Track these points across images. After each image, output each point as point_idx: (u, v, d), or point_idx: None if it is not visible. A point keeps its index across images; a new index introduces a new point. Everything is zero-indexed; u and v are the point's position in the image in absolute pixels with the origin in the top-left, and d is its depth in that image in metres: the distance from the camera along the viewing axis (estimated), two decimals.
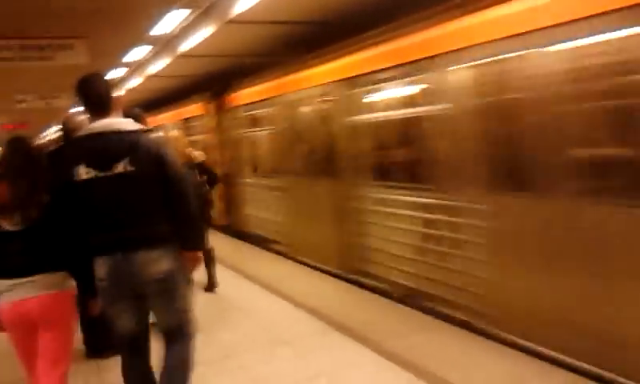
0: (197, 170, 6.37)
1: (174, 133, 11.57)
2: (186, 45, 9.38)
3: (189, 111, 12.88)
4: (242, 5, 7.06)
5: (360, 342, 5.00)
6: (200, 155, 6.84)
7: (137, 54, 11.26)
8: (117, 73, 13.25)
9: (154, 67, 11.71)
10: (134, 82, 13.83)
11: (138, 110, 5.78)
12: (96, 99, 3.38)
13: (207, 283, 6.97)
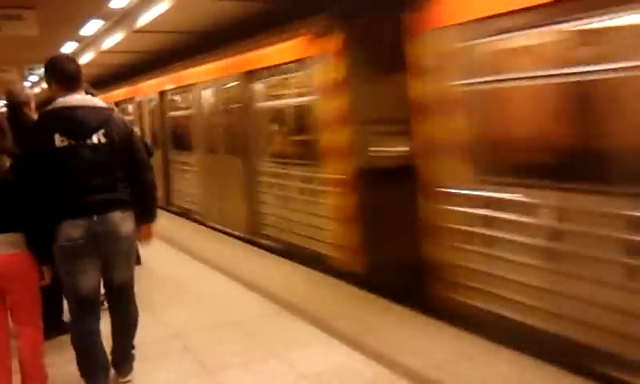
0: None
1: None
2: (143, 19, 9.14)
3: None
4: None
5: (310, 323, 4.99)
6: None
7: (92, 27, 10.93)
8: (70, 46, 12.85)
9: (109, 42, 11.40)
10: (88, 56, 13.45)
11: (90, 87, 5.73)
12: (70, 75, 3.70)
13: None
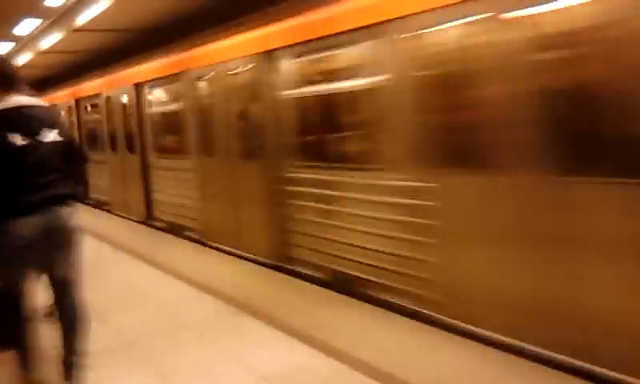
0: None
1: None
2: (82, 18, 8.86)
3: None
4: None
5: (267, 322, 4.95)
6: None
7: (27, 26, 10.54)
8: (5, 46, 12.39)
9: (47, 42, 11.01)
10: (25, 57, 12.97)
11: (29, 89, 5.58)
12: (11, 75, 3.86)
13: None
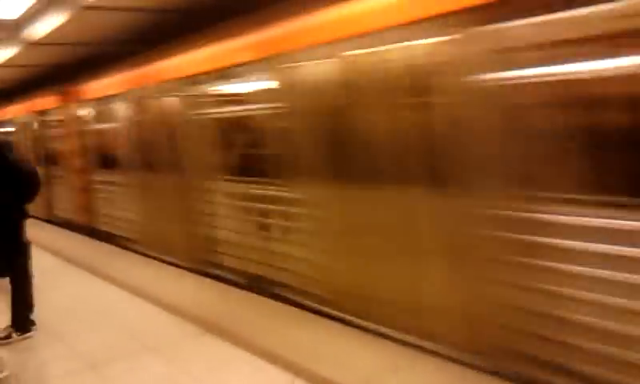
0: None
1: None
2: (36, 32, 8.65)
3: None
4: None
5: (233, 342, 4.88)
6: None
7: None
8: None
9: (2, 55, 10.71)
10: None
11: None
12: None
13: None
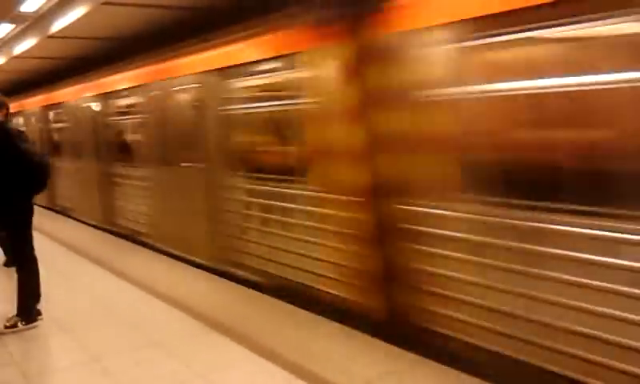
0: None
1: None
2: (57, 25, 8.73)
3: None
4: None
5: (236, 341, 4.86)
6: None
7: (1, 31, 10.36)
8: None
9: (21, 47, 10.82)
10: None
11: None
12: None
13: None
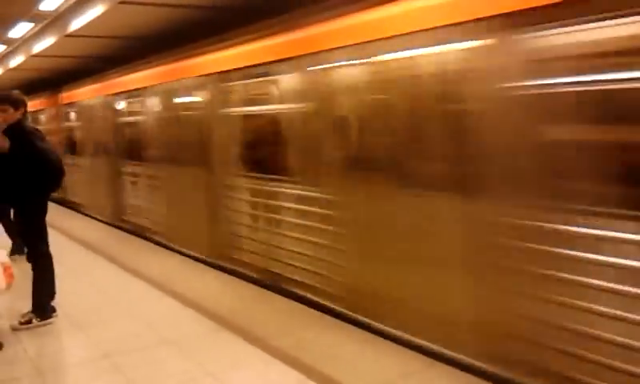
0: None
1: None
2: (75, 24, 8.81)
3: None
4: None
5: (248, 341, 4.86)
6: None
7: (20, 30, 10.49)
8: None
9: (39, 45, 10.95)
10: (17, 60, 12.89)
11: (16, 91, 5.60)
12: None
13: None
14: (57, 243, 6.13)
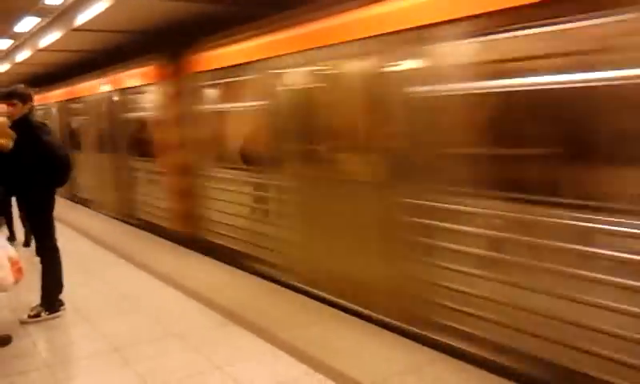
0: None
1: None
2: (82, 18, 8.81)
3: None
4: None
5: (256, 334, 4.87)
6: None
7: (27, 24, 10.51)
8: (4, 43, 12.34)
9: (46, 40, 10.95)
10: (24, 54, 12.91)
11: (22, 85, 5.58)
12: None
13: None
14: (64, 236, 6.14)
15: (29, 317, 5.36)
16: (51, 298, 5.48)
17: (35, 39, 11.56)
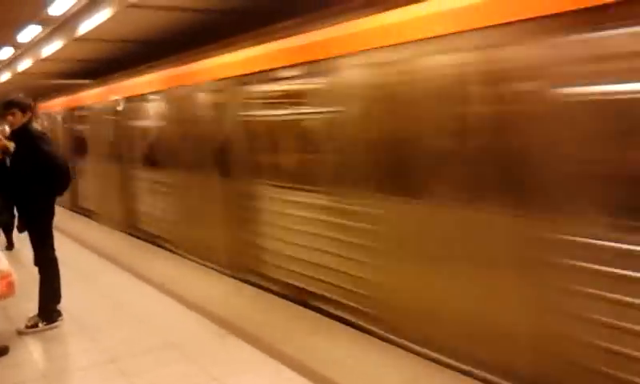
0: None
1: None
2: (83, 27, 8.84)
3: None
4: None
5: (254, 345, 4.83)
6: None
7: (30, 33, 10.55)
8: (6, 52, 12.39)
9: (48, 49, 10.99)
10: (25, 63, 12.96)
11: (22, 95, 5.58)
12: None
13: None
14: (63, 247, 6.12)
15: (26, 327, 5.34)
16: (49, 308, 5.45)
17: (37, 49, 11.61)
